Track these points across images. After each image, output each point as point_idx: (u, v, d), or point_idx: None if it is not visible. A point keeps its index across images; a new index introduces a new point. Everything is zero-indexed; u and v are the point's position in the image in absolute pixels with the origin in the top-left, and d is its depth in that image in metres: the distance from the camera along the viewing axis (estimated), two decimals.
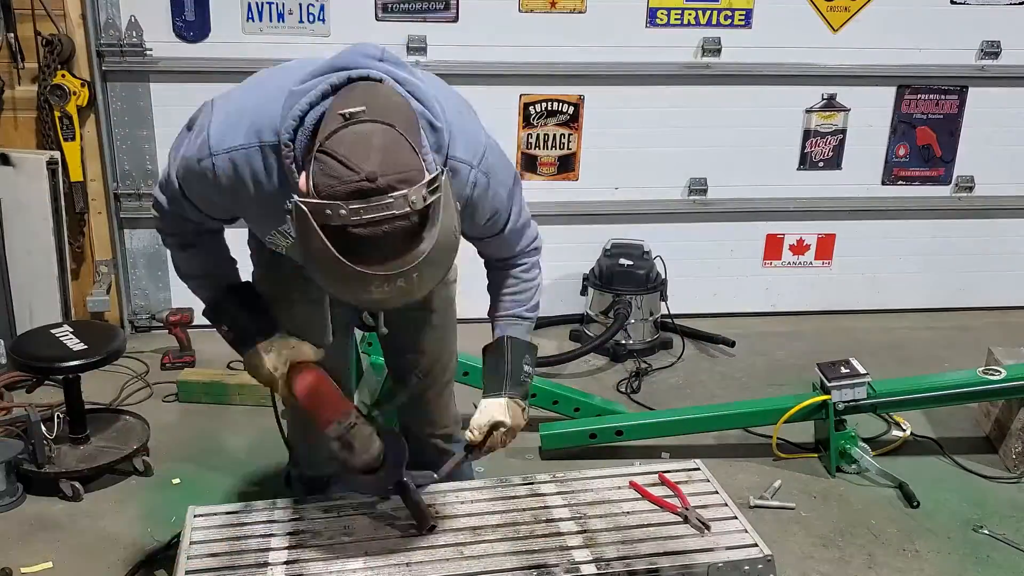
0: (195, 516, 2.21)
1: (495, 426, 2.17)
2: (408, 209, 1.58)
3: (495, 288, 2.26)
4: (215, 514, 2.22)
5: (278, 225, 1.97)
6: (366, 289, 1.61)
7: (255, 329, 2.13)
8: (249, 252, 2.33)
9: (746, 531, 2.18)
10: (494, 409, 2.17)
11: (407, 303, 1.74)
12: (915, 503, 3.05)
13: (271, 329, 2.14)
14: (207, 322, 2.25)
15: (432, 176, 1.63)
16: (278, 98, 1.81)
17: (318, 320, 2.29)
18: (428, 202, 1.60)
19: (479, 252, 2.24)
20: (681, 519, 2.21)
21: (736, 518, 2.23)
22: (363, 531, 2.15)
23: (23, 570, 2.67)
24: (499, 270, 2.24)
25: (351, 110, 1.65)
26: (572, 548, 2.10)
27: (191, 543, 2.11)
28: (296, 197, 1.62)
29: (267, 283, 2.28)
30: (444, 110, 1.87)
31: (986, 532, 2.93)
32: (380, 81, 1.78)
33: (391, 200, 1.56)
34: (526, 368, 2.22)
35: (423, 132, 1.77)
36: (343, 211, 1.56)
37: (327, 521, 2.19)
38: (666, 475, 2.37)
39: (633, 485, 2.34)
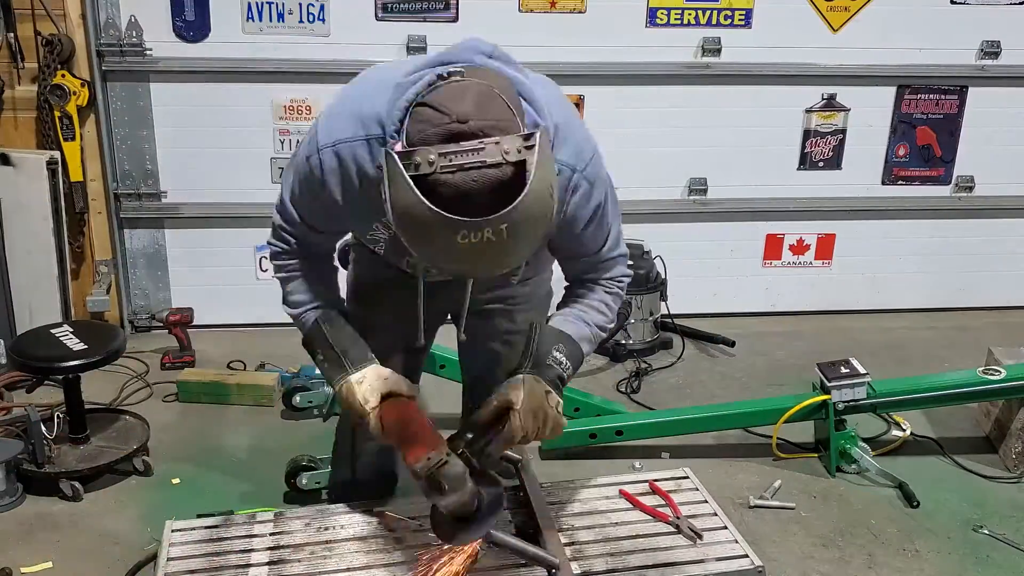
0: (172, 531, 2.16)
1: (506, 406, 1.95)
2: (501, 159, 1.53)
3: (568, 294, 2.14)
4: (193, 528, 2.17)
5: (380, 218, 1.93)
6: (453, 241, 1.53)
7: (348, 360, 2.03)
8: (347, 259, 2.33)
9: (736, 541, 2.16)
10: (507, 387, 1.97)
11: (497, 272, 1.71)
12: (915, 503, 3.05)
13: (364, 360, 2.03)
14: (207, 322, 2.23)
15: (528, 132, 1.59)
16: (382, 91, 1.79)
17: (411, 321, 2.23)
18: (522, 156, 1.55)
19: (566, 274, 2.16)
20: (672, 529, 2.19)
21: (726, 527, 2.20)
22: (345, 545, 2.11)
23: (23, 570, 2.67)
24: (581, 284, 2.13)
25: (449, 69, 1.65)
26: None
27: (168, 559, 2.06)
28: (385, 149, 1.59)
29: (363, 285, 2.28)
30: (552, 113, 1.81)
31: (986, 532, 2.93)
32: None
33: (483, 146, 1.52)
34: (557, 354, 2.02)
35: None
36: (432, 156, 1.52)
37: (308, 535, 2.15)
38: (656, 483, 2.35)
39: (624, 494, 2.31)
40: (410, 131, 1.60)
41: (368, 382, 1.99)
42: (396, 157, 1.55)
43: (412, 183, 1.52)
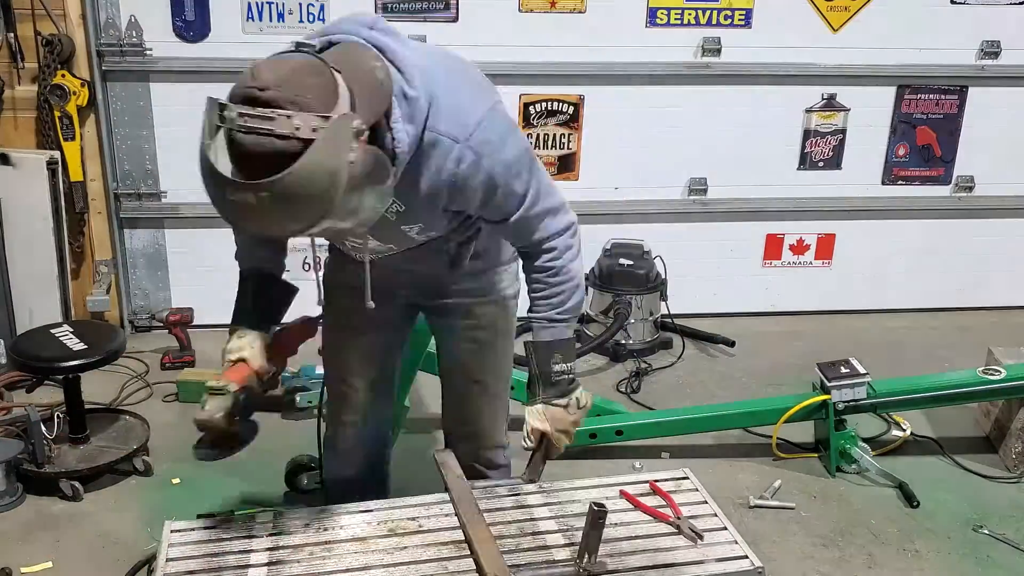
0: (171, 532, 2.14)
1: (540, 434, 2.24)
2: (289, 132, 1.57)
3: (527, 285, 2.22)
4: (192, 529, 2.15)
5: None
6: (224, 194, 1.66)
7: (242, 317, 2.28)
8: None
9: (736, 542, 2.15)
10: (532, 418, 2.23)
11: (269, 233, 1.88)
12: (915, 503, 3.05)
13: (255, 326, 2.27)
14: (207, 322, 2.29)
15: (334, 117, 1.61)
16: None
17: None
18: (315, 136, 1.58)
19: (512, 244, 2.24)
20: (672, 529, 2.18)
21: (726, 528, 2.19)
22: (344, 545, 2.10)
23: (23, 570, 2.67)
24: (528, 261, 2.19)
25: (302, 40, 1.70)
26: (559, 561, 2.06)
27: (167, 560, 2.04)
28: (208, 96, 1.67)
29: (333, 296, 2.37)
30: (430, 80, 1.83)
31: (986, 532, 2.93)
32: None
33: (275, 116, 1.57)
34: (556, 367, 2.19)
35: (395, 100, 1.78)
36: (234, 114, 1.59)
37: (308, 535, 2.13)
38: (657, 484, 2.34)
39: (624, 494, 2.31)
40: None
41: (243, 341, 2.25)
42: (210, 102, 1.63)
43: (209, 131, 1.62)
